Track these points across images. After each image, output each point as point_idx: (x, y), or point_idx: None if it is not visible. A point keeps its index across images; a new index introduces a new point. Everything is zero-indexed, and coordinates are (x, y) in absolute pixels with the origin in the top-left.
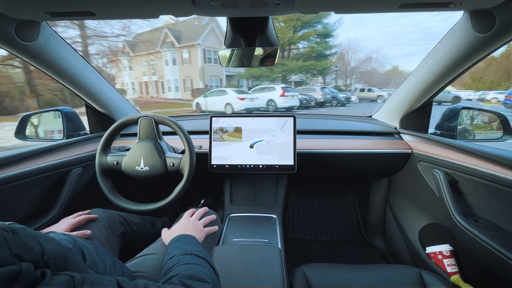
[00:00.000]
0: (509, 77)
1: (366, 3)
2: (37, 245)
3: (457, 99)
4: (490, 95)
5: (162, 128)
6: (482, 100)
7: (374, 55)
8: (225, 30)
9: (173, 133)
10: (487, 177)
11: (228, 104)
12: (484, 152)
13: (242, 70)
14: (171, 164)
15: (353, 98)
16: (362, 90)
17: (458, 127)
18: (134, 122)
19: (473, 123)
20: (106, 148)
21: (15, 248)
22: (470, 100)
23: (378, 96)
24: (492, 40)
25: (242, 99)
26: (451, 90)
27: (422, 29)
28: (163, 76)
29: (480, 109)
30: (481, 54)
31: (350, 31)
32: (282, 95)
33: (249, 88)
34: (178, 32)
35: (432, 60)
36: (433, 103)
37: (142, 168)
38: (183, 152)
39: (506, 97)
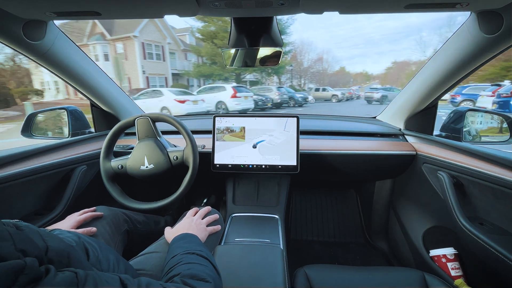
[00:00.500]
0: None
1: (371, 3)
2: (41, 242)
3: (384, 97)
4: None
5: (163, 128)
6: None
7: (324, 56)
8: (168, 23)
9: (175, 133)
10: (493, 180)
11: (164, 108)
12: (490, 154)
13: (190, 67)
14: (174, 158)
15: (310, 98)
16: (317, 89)
17: (464, 129)
18: (131, 124)
19: (479, 125)
20: (108, 154)
21: (19, 243)
22: None
23: (333, 95)
24: (500, 41)
25: (182, 101)
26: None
27: (362, 34)
28: None
29: (486, 111)
30: (488, 55)
31: (302, 32)
32: (234, 96)
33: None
34: (109, 21)
35: (438, 61)
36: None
37: (147, 167)
38: None
39: (451, 96)
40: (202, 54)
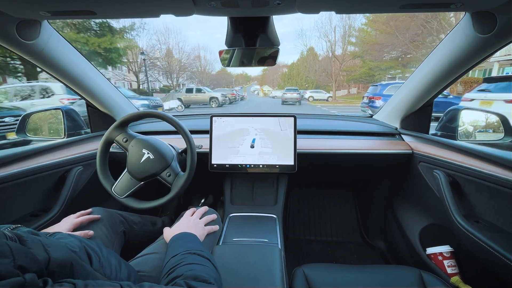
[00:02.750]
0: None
1: (367, 3)
2: (43, 253)
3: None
4: (308, 93)
5: (162, 128)
6: (301, 96)
7: (202, 53)
8: None
9: (173, 133)
10: (488, 178)
11: None
12: (485, 153)
13: None
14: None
15: (174, 104)
16: (189, 90)
17: (459, 128)
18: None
19: (474, 124)
20: (106, 174)
21: (19, 259)
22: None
23: (211, 98)
24: (493, 41)
25: None
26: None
27: None
28: None
29: (481, 110)
30: (483, 55)
31: (183, 30)
32: None
33: None
34: None
35: (433, 61)
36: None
37: (149, 154)
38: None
39: (369, 98)
40: None
